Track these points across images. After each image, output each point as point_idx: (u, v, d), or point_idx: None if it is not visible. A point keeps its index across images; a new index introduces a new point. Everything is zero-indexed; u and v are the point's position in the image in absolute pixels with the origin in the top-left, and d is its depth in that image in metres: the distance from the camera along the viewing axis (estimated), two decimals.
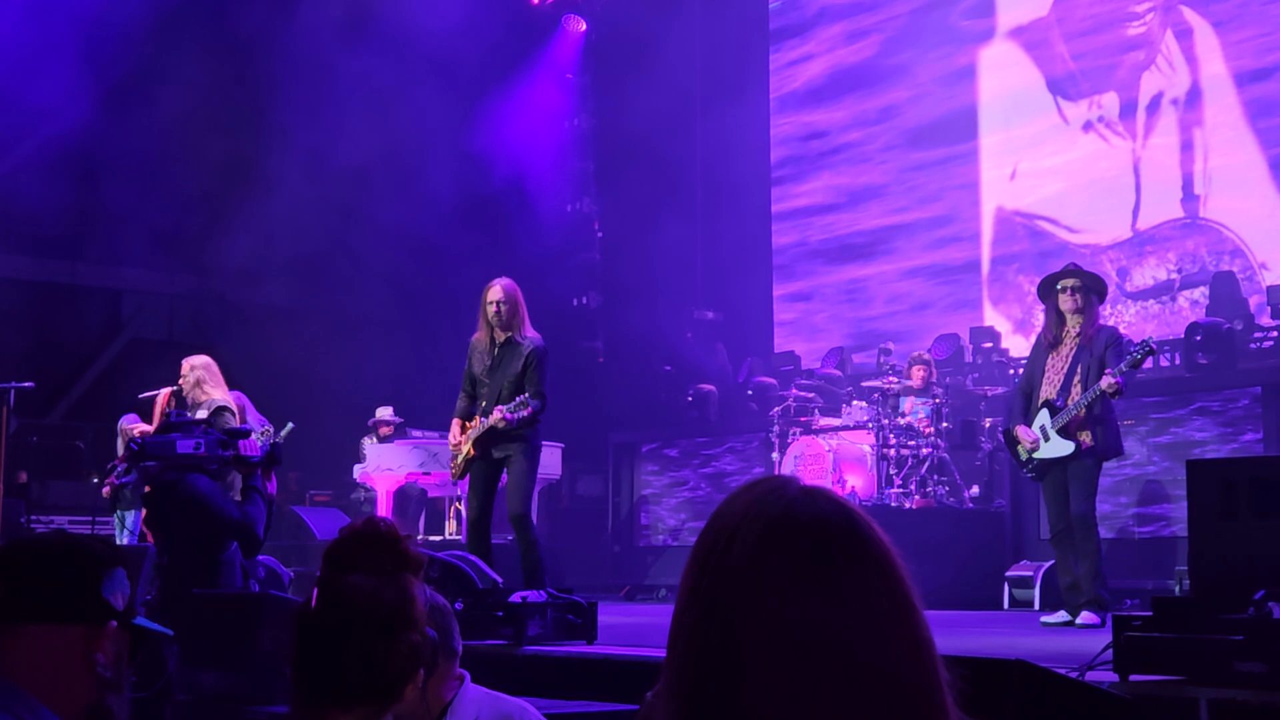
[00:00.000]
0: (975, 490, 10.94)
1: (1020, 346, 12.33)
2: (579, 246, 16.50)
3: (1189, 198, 12.34)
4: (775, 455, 11.62)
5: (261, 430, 8.89)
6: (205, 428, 6.56)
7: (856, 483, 10.83)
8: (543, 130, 16.42)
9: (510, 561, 8.33)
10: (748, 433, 13.06)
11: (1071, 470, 7.70)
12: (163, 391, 9.30)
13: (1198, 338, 10.38)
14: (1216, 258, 12.09)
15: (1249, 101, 12.03)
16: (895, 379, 11.17)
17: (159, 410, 9.26)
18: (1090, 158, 13.07)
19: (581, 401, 13.88)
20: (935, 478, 10.67)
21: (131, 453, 6.49)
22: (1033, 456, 7.83)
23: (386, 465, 12.78)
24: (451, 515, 13.27)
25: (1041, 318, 8.37)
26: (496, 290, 7.85)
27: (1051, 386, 7.80)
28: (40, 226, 15.04)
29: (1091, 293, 7.83)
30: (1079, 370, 7.73)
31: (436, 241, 14.61)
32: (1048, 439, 7.74)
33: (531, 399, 7.66)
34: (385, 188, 14.77)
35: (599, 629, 6.56)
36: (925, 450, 10.65)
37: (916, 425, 10.72)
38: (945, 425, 10.80)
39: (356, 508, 13.33)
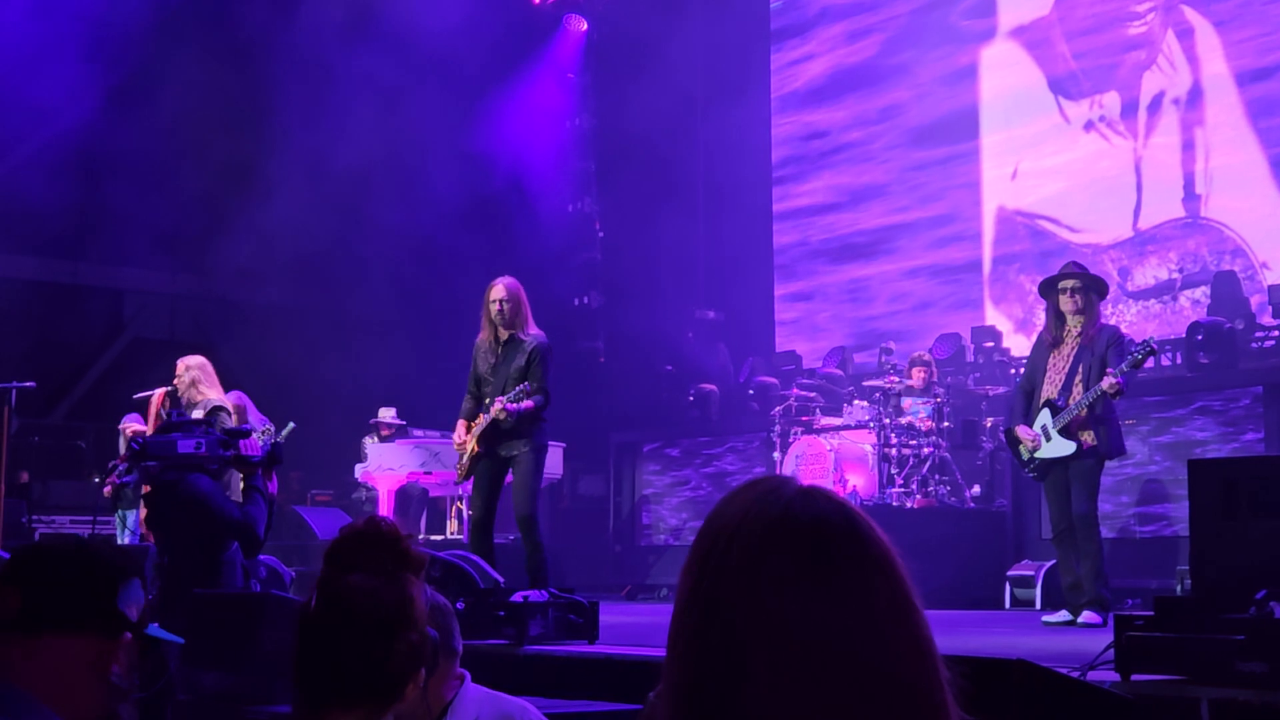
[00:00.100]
0: (977, 490, 10.93)
1: (1021, 346, 12.32)
2: (580, 246, 16.49)
3: (1190, 197, 12.33)
4: (777, 455, 11.62)
5: (263, 430, 8.90)
6: (206, 428, 6.55)
7: (858, 482, 10.82)
8: (544, 130, 16.42)
9: (512, 561, 8.33)
10: (749, 432, 13.06)
11: (1073, 470, 7.69)
12: (157, 392, 9.27)
13: (1199, 337, 10.38)
14: (1218, 257, 12.08)
15: (1250, 101, 12.03)
16: (896, 378, 11.16)
17: (153, 410, 9.25)
18: (1091, 157, 13.06)
19: (583, 401, 13.88)
20: (937, 477, 10.66)
21: (132, 452, 6.49)
22: (1034, 456, 7.82)
23: (388, 465, 12.79)
24: (453, 515, 13.26)
25: (1043, 317, 8.36)
26: (499, 289, 7.85)
27: (1053, 386, 7.79)
28: (42, 226, 15.03)
29: (1092, 292, 7.82)
30: (1081, 370, 7.72)
31: (438, 241, 14.60)
32: (1049, 438, 7.73)
33: (534, 393, 7.66)
34: (386, 188, 14.76)
35: (600, 629, 6.55)
36: (927, 450, 10.65)
37: (917, 424, 10.72)
38: (947, 425, 10.80)
39: (358, 507, 13.32)
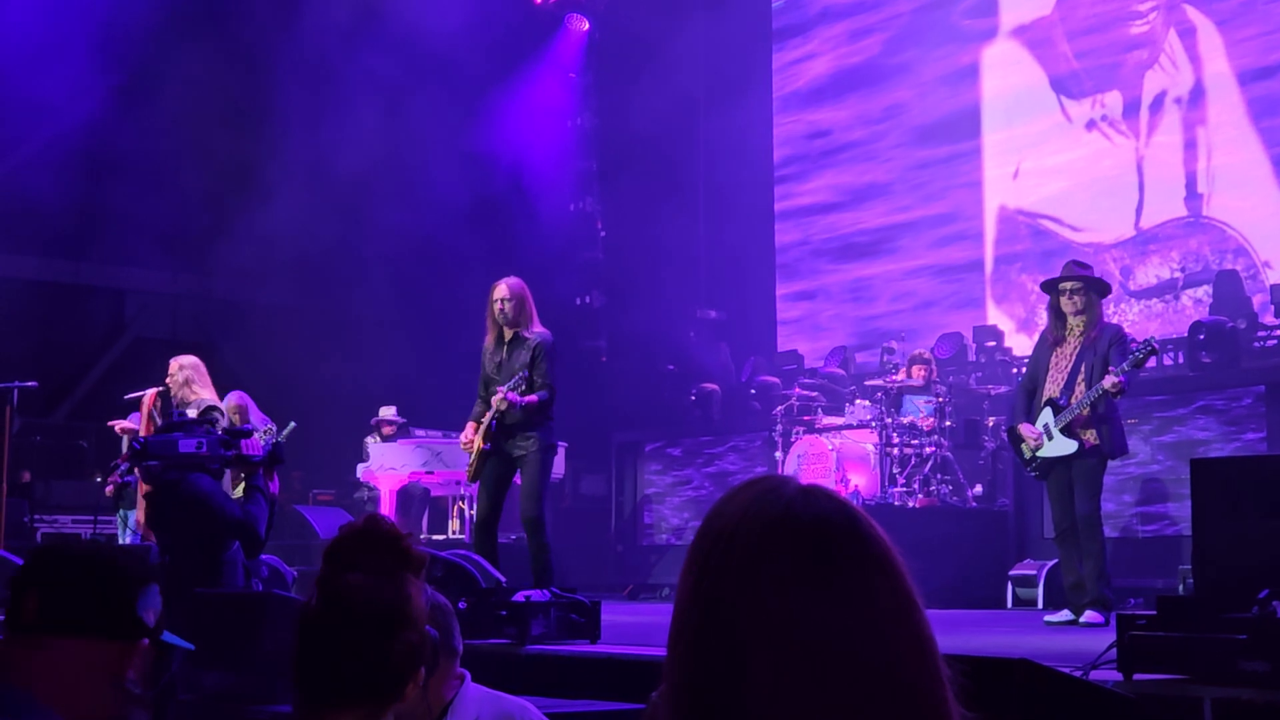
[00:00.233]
0: (979, 489, 10.93)
1: (1023, 345, 12.32)
2: (582, 246, 16.49)
3: (1192, 196, 12.32)
4: (778, 454, 11.62)
5: (264, 429, 8.90)
6: (207, 427, 6.55)
7: (860, 482, 10.82)
8: (545, 130, 16.42)
9: (515, 561, 8.33)
10: (751, 432, 13.06)
11: (1076, 469, 7.68)
12: (149, 392, 9.25)
13: (1201, 336, 10.37)
14: (1220, 256, 12.07)
15: (1252, 100, 12.01)
16: (898, 377, 11.16)
17: (145, 411, 9.24)
18: (1093, 156, 13.05)
19: (585, 401, 13.86)
20: (939, 477, 10.66)
21: (134, 452, 6.49)
22: (1036, 455, 7.81)
23: (390, 464, 12.79)
24: (455, 514, 13.26)
25: (1044, 316, 8.35)
26: (502, 288, 7.89)
27: (1055, 385, 7.78)
28: (44, 226, 15.03)
29: (1092, 293, 7.81)
30: (1083, 369, 7.71)
31: (439, 241, 14.59)
32: (1051, 437, 7.72)
33: (539, 388, 7.66)
34: (388, 188, 14.76)
35: (602, 628, 6.55)
36: (929, 449, 10.64)
37: (919, 423, 10.71)
38: (949, 424, 10.79)
39: (360, 507, 13.32)
